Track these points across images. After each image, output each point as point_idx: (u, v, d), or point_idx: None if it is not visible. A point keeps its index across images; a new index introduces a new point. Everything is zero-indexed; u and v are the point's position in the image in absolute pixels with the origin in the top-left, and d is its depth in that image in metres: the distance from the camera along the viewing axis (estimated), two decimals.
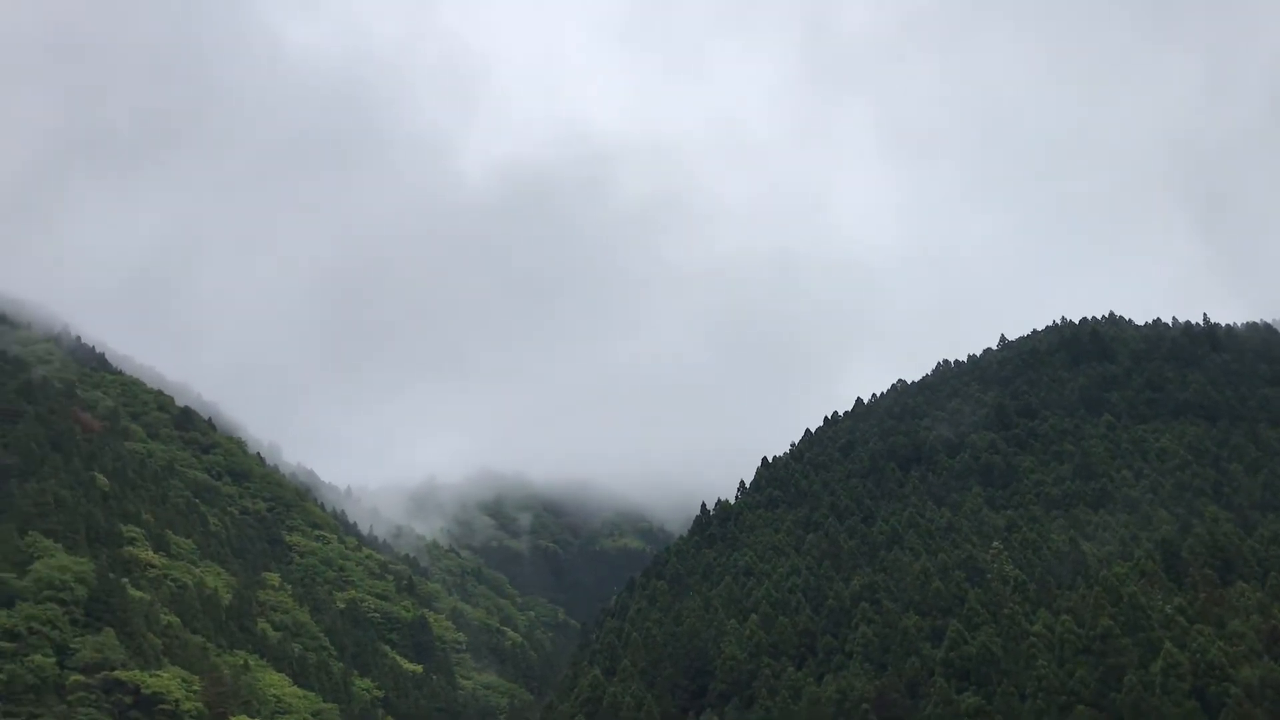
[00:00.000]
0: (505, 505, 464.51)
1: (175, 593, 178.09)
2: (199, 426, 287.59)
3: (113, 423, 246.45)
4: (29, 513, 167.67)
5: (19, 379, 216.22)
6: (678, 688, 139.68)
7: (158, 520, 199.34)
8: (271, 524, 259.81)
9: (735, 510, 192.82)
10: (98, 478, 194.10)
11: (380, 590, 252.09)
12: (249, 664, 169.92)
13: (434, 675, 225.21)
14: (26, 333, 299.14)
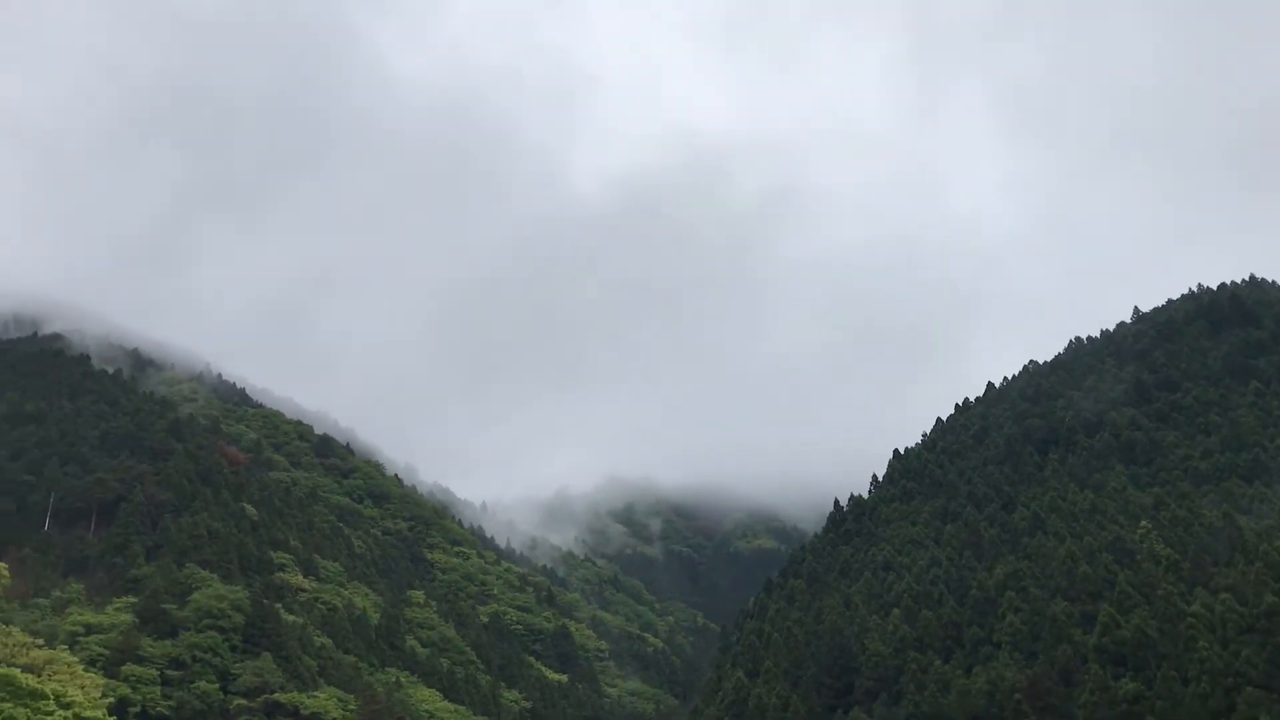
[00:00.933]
0: (636, 512, 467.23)
1: (326, 615, 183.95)
2: (338, 452, 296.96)
3: (257, 454, 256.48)
4: (185, 546, 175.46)
5: (167, 418, 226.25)
6: (822, 686, 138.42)
7: (305, 545, 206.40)
8: (413, 543, 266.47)
9: (870, 504, 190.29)
10: (246, 508, 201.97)
11: (521, 602, 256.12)
12: (401, 681, 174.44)
13: (579, 684, 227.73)
14: (171, 374, 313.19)
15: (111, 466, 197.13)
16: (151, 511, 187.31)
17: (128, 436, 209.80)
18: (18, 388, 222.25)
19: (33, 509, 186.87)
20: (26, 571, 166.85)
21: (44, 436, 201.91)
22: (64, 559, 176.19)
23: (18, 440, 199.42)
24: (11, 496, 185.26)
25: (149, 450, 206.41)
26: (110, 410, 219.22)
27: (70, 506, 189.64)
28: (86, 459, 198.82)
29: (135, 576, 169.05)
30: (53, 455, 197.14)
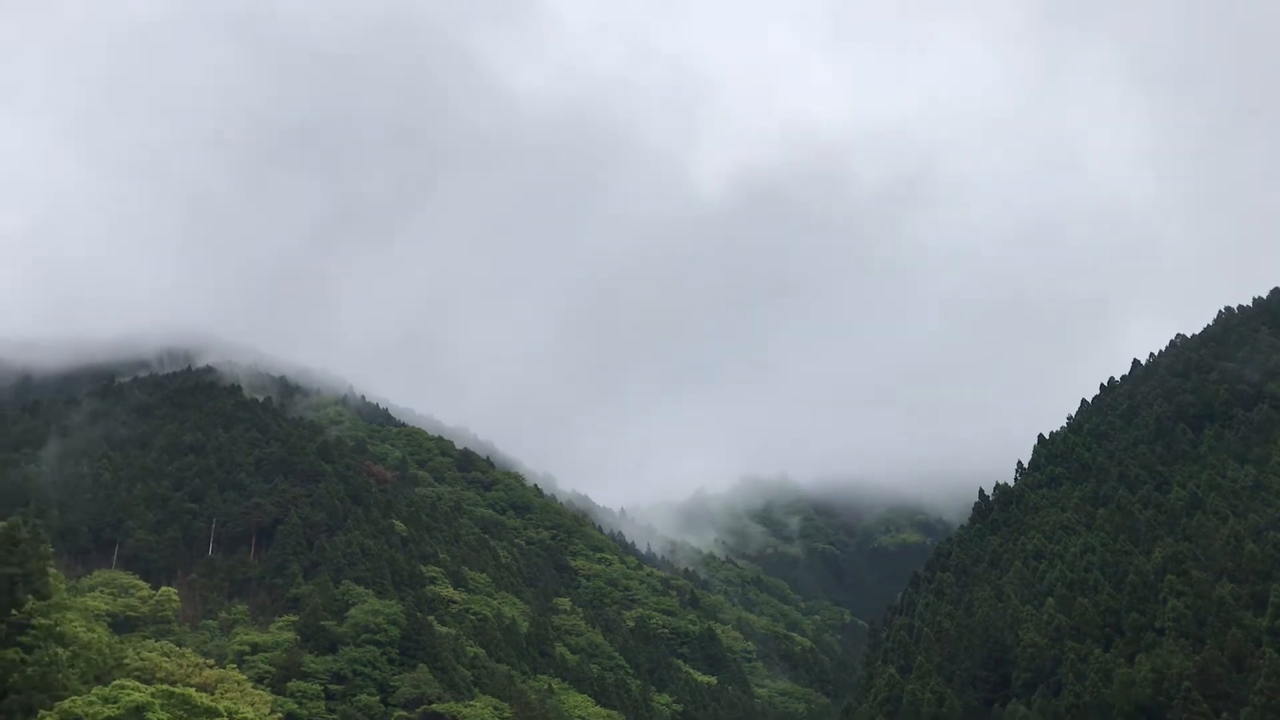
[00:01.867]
0: (775, 511, 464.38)
1: (477, 625, 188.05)
2: (479, 466, 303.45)
3: (402, 472, 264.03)
4: (340, 564, 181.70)
5: (316, 442, 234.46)
6: (978, 680, 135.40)
7: (453, 558, 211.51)
8: (555, 551, 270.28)
9: (1016, 492, 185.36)
10: (396, 524, 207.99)
11: (665, 606, 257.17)
12: (553, 688, 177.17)
13: (728, 686, 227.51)
14: (317, 398, 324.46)
15: (267, 491, 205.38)
16: (307, 532, 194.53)
17: (280, 461, 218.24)
18: (176, 420, 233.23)
19: (197, 535, 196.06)
20: (194, 595, 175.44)
21: (203, 466, 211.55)
22: (228, 582, 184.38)
23: (179, 471, 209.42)
24: (177, 525, 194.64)
25: (301, 473, 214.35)
26: (262, 437, 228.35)
27: (231, 531, 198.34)
28: (244, 485, 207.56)
29: (295, 595, 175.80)
30: (212, 483, 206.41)
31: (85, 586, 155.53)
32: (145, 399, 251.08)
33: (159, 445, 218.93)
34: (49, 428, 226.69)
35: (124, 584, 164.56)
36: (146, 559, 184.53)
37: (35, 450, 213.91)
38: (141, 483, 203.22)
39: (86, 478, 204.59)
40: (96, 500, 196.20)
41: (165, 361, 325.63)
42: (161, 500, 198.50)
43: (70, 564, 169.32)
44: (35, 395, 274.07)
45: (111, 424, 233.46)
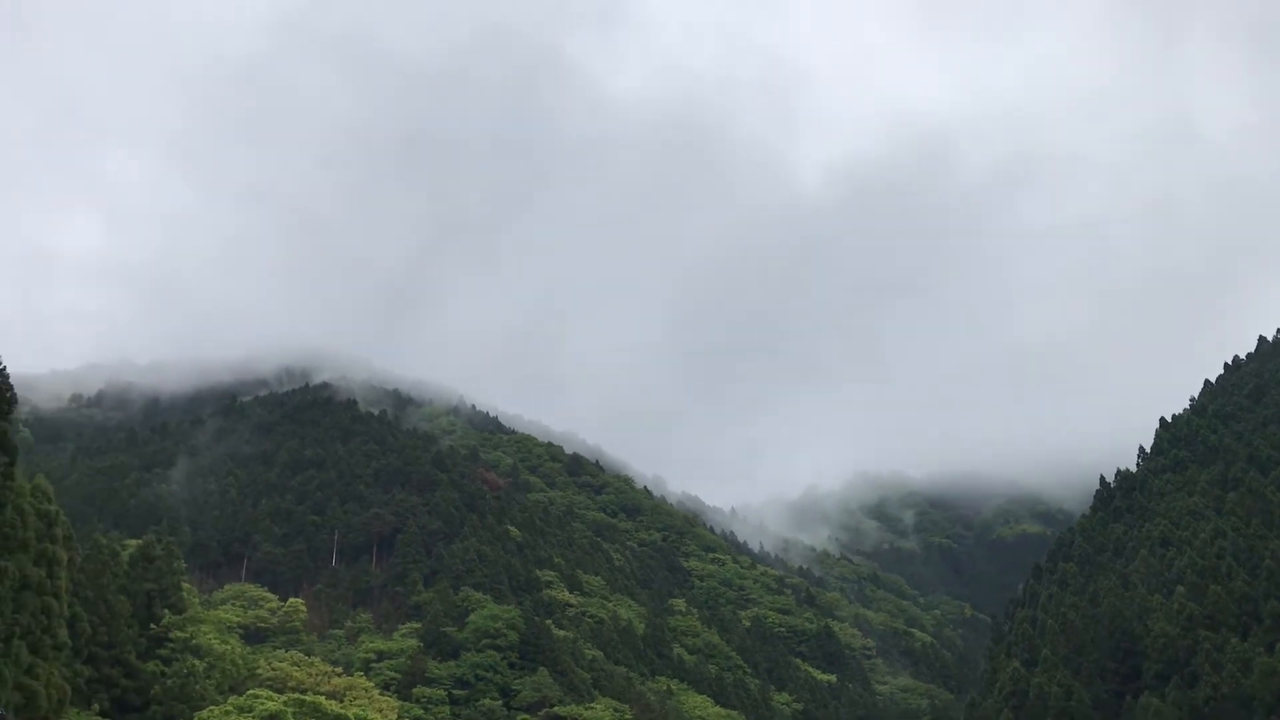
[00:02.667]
0: (888, 506, 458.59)
1: (594, 628, 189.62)
2: (588, 470, 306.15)
3: (514, 478, 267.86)
4: (458, 570, 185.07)
5: (431, 451, 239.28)
6: (1106, 672, 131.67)
7: (567, 562, 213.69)
8: (668, 552, 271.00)
9: (1139, 478, 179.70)
10: (510, 530, 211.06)
11: (781, 605, 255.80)
12: (671, 689, 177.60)
13: (848, 683, 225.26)
14: (430, 409, 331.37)
15: (385, 501, 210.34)
16: (425, 540, 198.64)
17: (397, 472, 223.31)
18: (296, 436, 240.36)
19: (320, 547, 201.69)
20: (320, 605, 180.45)
21: (324, 479, 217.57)
22: (351, 591, 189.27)
23: (301, 485, 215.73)
24: (302, 537, 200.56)
25: (417, 483, 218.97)
26: (379, 449, 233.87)
27: (353, 542, 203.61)
28: (363, 496, 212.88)
29: (416, 603, 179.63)
30: (333, 496, 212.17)
31: (217, 600, 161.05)
32: (266, 416, 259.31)
33: (281, 461, 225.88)
34: (177, 447, 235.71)
35: (253, 596, 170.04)
36: (274, 571, 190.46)
37: (165, 470, 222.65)
38: (266, 498, 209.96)
39: (214, 495, 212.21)
40: (224, 516, 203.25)
41: (284, 379, 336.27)
42: (286, 514, 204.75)
43: (202, 578, 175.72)
44: (163, 417, 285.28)
45: (235, 442, 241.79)
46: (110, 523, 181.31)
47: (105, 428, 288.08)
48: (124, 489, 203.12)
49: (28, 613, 66.98)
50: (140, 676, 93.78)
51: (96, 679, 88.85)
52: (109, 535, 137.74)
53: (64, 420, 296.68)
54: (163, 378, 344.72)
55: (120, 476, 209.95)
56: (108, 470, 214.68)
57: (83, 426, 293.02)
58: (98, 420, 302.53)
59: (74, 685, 77.32)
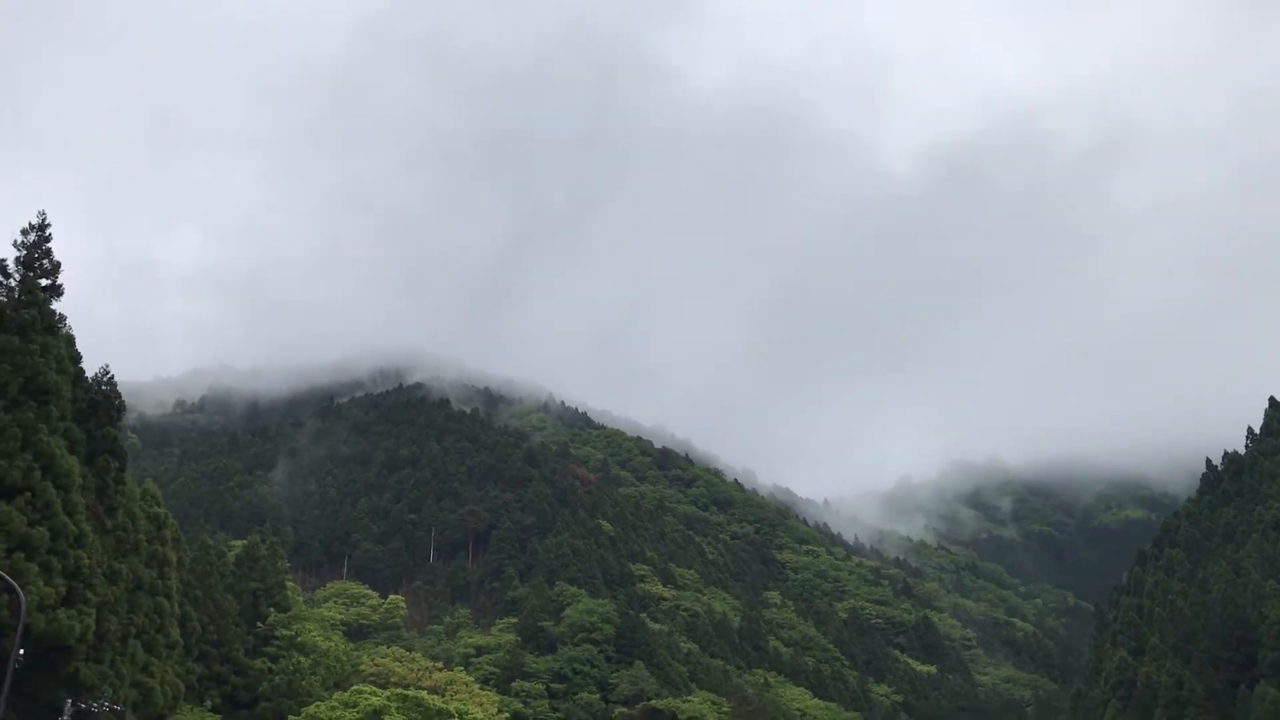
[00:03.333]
0: (985, 494, 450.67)
1: (689, 621, 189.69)
2: (678, 464, 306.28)
3: (604, 473, 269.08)
4: (553, 565, 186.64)
5: (522, 448, 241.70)
6: (1219, 661, 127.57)
7: (660, 556, 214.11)
8: (761, 545, 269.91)
9: (1248, 460, 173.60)
10: (602, 525, 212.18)
11: (878, 596, 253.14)
12: (769, 681, 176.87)
13: (949, 674, 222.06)
14: (520, 406, 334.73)
15: (479, 498, 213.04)
16: (519, 536, 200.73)
17: (490, 469, 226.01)
18: (392, 436, 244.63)
19: (418, 544, 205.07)
20: (419, 601, 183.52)
21: (419, 477, 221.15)
22: (449, 587, 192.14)
23: (398, 483, 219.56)
24: (399, 535, 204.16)
25: (509, 479, 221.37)
26: (472, 447, 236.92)
27: (449, 539, 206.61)
28: (457, 494, 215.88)
29: (512, 598, 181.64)
30: (429, 494, 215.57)
31: (320, 598, 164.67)
32: (362, 417, 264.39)
33: (378, 460, 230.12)
34: (277, 449, 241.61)
35: (355, 594, 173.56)
36: (373, 569, 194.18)
37: (267, 471, 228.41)
38: (364, 497, 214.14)
39: (314, 495, 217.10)
40: (325, 515, 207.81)
41: (378, 380, 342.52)
42: (383, 512, 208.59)
43: (305, 577, 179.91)
44: (264, 420, 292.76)
45: (333, 443, 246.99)
46: (216, 524, 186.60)
47: (209, 432, 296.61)
48: (228, 491, 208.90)
49: (142, 613, 69.29)
50: (249, 673, 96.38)
51: (208, 676, 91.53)
52: (215, 536, 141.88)
53: (169, 426, 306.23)
54: (262, 382, 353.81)
55: (224, 479, 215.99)
56: (212, 473, 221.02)
57: (187, 431, 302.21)
58: (201, 425, 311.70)
59: (187, 682, 79.77)
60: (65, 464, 56.33)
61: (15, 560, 51.02)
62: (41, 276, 59.70)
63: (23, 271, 59.28)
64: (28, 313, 57.41)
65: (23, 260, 59.37)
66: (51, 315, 59.59)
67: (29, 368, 55.78)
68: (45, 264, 59.89)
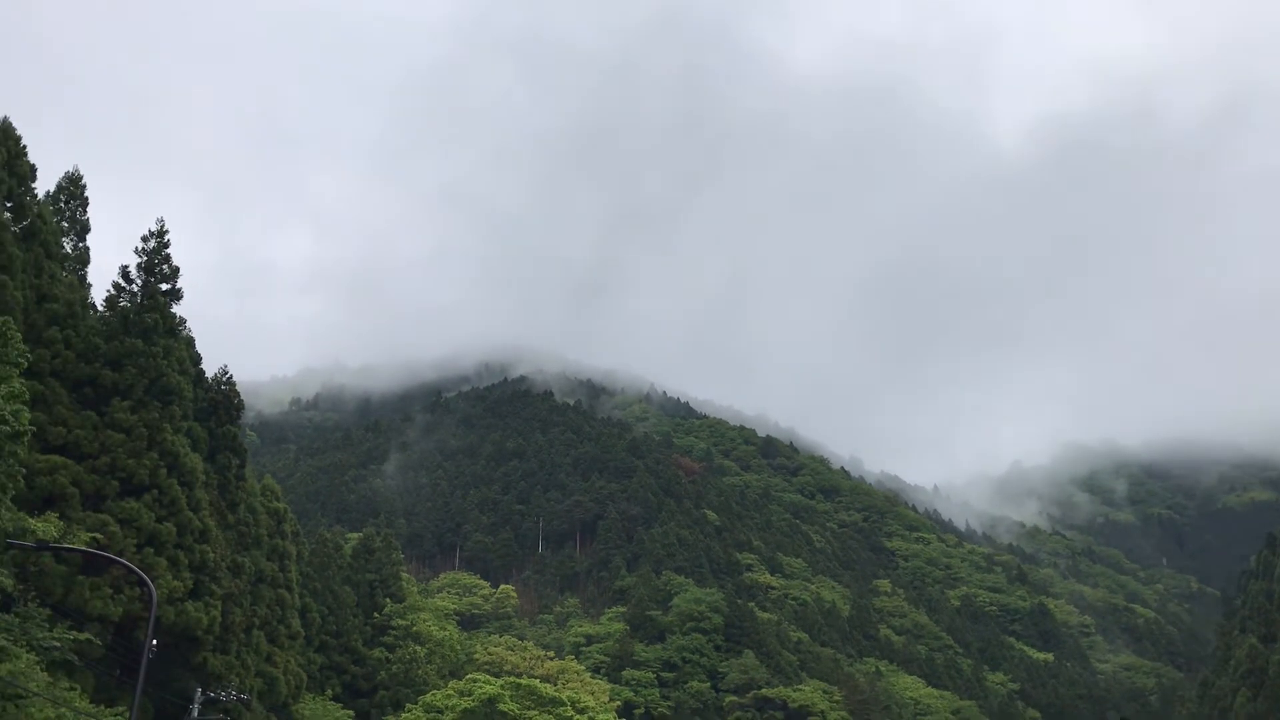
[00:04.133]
0: (1100, 477, 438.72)
1: (798, 610, 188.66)
2: (783, 452, 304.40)
3: (708, 462, 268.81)
4: (660, 555, 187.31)
5: (625, 439, 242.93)
6: None
7: (767, 544, 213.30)
8: (869, 533, 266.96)
9: None
10: (708, 514, 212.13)
11: (991, 583, 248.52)
12: (880, 670, 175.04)
13: (1066, 662, 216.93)
14: (622, 397, 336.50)
15: (585, 489, 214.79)
16: (625, 526, 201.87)
17: (594, 460, 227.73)
18: (498, 428, 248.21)
19: (526, 534, 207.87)
20: (529, 591, 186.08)
21: (526, 469, 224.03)
22: (558, 577, 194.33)
23: (505, 475, 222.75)
24: (508, 525, 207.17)
25: (614, 470, 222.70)
26: (576, 438, 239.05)
27: (557, 529, 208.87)
28: (564, 485, 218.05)
29: (620, 587, 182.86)
30: (536, 485, 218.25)
31: (434, 588, 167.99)
32: (469, 411, 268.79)
33: (485, 453, 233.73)
34: (389, 443, 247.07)
35: (467, 584, 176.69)
36: (484, 559, 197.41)
37: (379, 465, 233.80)
38: (473, 488, 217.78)
39: (425, 487, 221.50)
40: (436, 507, 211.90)
41: (483, 375, 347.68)
42: (492, 504, 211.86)
43: (418, 568, 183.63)
44: (375, 415, 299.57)
45: (442, 436, 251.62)
46: (332, 517, 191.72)
47: (323, 428, 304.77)
48: (343, 485, 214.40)
49: (264, 604, 71.55)
50: (367, 663, 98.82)
51: (328, 666, 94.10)
52: (332, 529, 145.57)
53: (286, 423, 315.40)
54: (373, 378, 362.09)
55: (339, 473, 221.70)
56: (327, 468, 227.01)
57: (302, 428, 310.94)
58: (316, 421, 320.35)
59: (308, 672, 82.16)
60: (189, 462, 58.39)
61: (145, 555, 53.07)
62: (162, 281, 61.85)
63: (144, 277, 61.49)
64: (150, 317, 59.60)
65: (144, 266, 61.57)
66: (172, 319, 61.74)
67: (153, 370, 57.92)
68: (165, 269, 62.02)
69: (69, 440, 53.33)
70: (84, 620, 47.92)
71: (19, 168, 57.92)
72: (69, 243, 66.76)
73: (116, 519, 52.65)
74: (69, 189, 67.75)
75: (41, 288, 57.13)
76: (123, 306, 60.42)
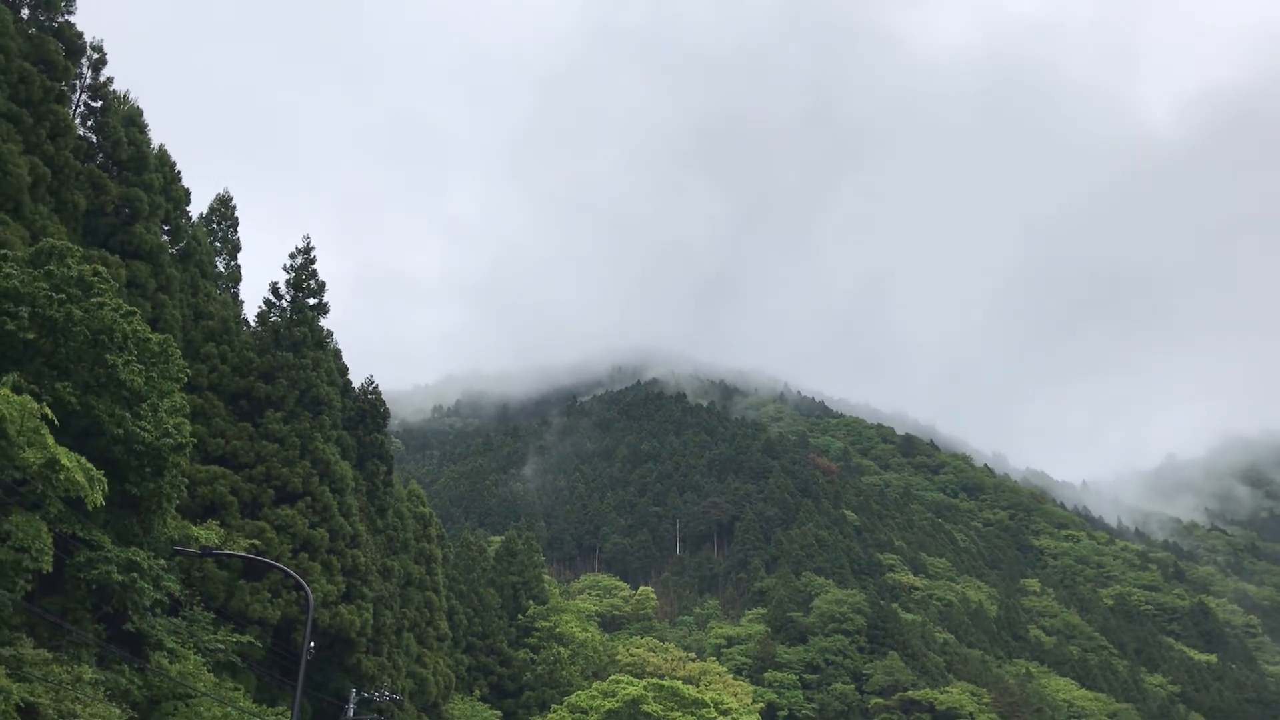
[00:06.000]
0: (1263, 470, 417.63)
1: (943, 610, 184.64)
2: (923, 450, 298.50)
3: (845, 462, 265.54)
4: (799, 556, 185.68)
5: (760, 439, 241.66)
6: None
7: (909, 544, 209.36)
8: (1016, 531, 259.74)
9: None
10: (847, 514, 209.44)
11: (1146, 581, 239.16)
12: (1031, 671, 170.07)
13: (1231, 664, 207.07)
14: (755, 398, 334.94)
15: (721, 490, 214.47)
16: (762, 527, 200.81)
17: (729, 461, 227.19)
18: (632, 431, 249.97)
19: (663, 536, 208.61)
20: (668, 593, 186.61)
21: (662, 471, 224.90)
22: (696, 578, 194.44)
23: (640, 477, 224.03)
24: (646, 528, 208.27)
25: (749, 471, 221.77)
26: (710, 439, 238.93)
27: (694, 531, 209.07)
28: (699, 486, 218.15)
29: (759, 589, 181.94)
30: (672, 487, 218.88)
31: (575, 590, 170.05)
32: (604, 414, 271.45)
33: (621, 455, 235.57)
34: (527, 448, 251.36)
35: (607, 585, 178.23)
36: (623, 561, 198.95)
37: (518, 469, 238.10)
38: (610, 491, 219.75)
39: (564, 490, 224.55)
40: (574, 510, 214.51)
41: (616, 378, 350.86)
42: (629, 506, 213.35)
43: (559, 570, 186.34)
44: (513, 420, 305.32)
45: (578, 439, 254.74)
46: (475, 521, 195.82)
47: (464, 434, 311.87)
48: (485, 489, 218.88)
49: (413, 607, 73.48)
50: (513, 664, 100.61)
51: (475, 667, 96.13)
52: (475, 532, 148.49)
53: (428, 430, 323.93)
54: (510, 384, 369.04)
55: (480, 478, 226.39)
56: (469, 473, 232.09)
57: (444, 434, 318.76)
58: (457, 428, 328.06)
59: (456, 673, 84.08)
60: (339, 469, 60.40)
61: (301, 559, 55.08)
62: (309, 296, 64.15)
63: (293, 292, 63.88)
64: (299, 330, 61.93)
65: (292, 282, 63.97)
66: (320, 331, 63.97)
67: (303, 381, 60.13)
68: (312, 284, 64.31)
69: (227, 451, 55.70)
70: (245, 623, 49.96)
71: (174, 192, 60.86)
72: (221, 262, 69.85)
73: (273, 525, 54.78)
74: (220, 210, 70.91)
75: (198, 306, 59.94)
76: (273, 321, 62.89)
